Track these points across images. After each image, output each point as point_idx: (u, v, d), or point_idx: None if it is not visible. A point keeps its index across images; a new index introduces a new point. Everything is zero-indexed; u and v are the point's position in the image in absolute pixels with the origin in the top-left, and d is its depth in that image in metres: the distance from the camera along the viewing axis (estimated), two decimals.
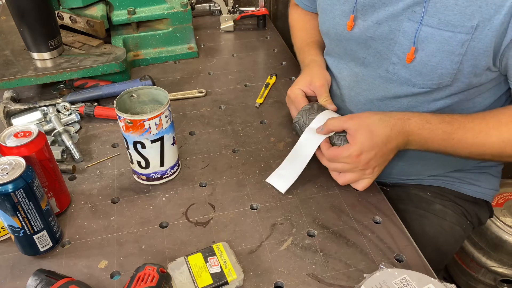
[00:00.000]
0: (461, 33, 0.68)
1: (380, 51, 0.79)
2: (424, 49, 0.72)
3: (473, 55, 0.70)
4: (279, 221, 0.73)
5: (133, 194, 0.79)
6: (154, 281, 0.57)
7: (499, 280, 1.37)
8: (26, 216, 0.63)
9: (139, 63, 1.17)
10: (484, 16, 0.66)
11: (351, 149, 0.72)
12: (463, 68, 0.71)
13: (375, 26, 0.77)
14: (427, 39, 0.71)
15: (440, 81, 0.74)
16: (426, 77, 0.75)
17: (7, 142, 0.65)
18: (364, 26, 0.79)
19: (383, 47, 0.78)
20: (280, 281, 0.64)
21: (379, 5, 0.76)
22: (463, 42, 0.69)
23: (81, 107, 0.96)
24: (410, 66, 0.75)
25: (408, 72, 0.76)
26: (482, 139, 0.72)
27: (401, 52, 0.75)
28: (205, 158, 0.86)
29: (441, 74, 0.73)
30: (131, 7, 1.14)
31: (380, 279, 0.60)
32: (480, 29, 0.67)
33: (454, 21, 0.68)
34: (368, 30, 0.79)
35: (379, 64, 0.80)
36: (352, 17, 0.80)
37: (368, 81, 0.84)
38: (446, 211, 0.91)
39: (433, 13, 0.70)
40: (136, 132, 0.72)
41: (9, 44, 1.08)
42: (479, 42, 0.68)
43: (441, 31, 0.70)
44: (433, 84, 0.75)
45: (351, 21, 0.81)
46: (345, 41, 0.85)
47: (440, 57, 0.71)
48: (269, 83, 1.08)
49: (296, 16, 1.11)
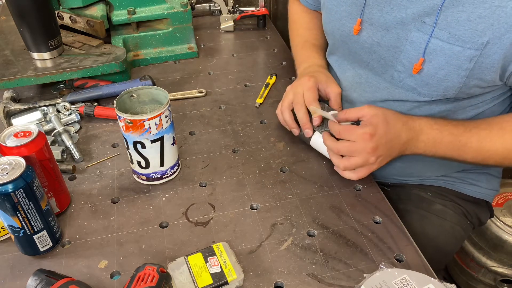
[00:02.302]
0: (471, 49, 0.68)
1: (385, 58, 0.79)
2: (432, 61, 0.72)
3: (480, 70, 0.70)
4: (279, 221, 0.73)
5: (133, 194, 0.79)
6: (154, 281, 0.57)
7: (499, 280, 1.37)
8: (26, 216, 0.63)
9: (139, 63, 1.17)
10: (495, 34, 0.66)
11: (367, 128, 0.72)
12: (469, 82, 0.72)
13: (383, 32, 0.77)
14: (436, 51, 0.71)
15: (445, 93, 0.75)
16: (431, 88, 0.75)
17: (7, 142, 0.65)
18: (372, 30, 0.79)
19: (389, 54, 0.78)
20: (280, 281, 0.64)
21: (387, 10, 0.75)
22: (472, 58, 0.69)
23: (81, 107, 0.96)
24: (416, 76, 0.75)
25: (414, 82, 0.76)
26: (486, 144, 0.73)
27: (407, 61, 0.75)
28: (205, 158, 0.86)
29: (447, 86, 0.73)
30: (131, 7, 1.14)
31: (380, 279, 0.60)
32: (490, 46, 0.67)
33: (465, 36, 0.68)
34: (376, 35, 0.78)
35: (384, 70, 0.80)
36: (359, 20, 0.80)
37: (371, 84, 0.83)
38: (446, 211, 0.91)
39: (443, 27, 0.69)
40: (136, 132, 0.72)
41: (9, 44, 1.08)
42: (487, 58, 0.68)
43: (450, 45, 0.70)
44: (438, 94, 0.75)
45: (357, 25, 0.80)
46: (350, 43, 0.84)
47: (447, 70, 0.72)
48: (269, 83, 1.08)
49: (298, 11, 1.10)
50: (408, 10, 0.73)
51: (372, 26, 0.79)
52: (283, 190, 0.79)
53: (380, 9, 0.76)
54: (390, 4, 0.75)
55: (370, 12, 0.78)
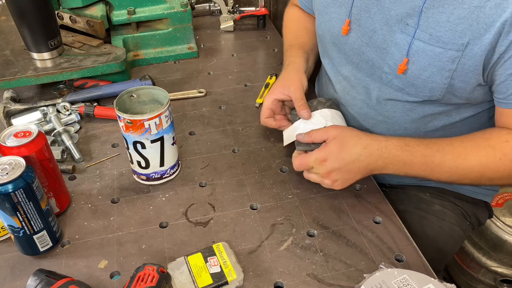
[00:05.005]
0: (452, 50, 0.68)
1: (372, 59, 0.79)
2: (416, 63, 0.73)
3: (463, 72, 0.70)
4: (279, 221, 0.73)
5: (133, 194, 0.79)
6: (154, 281, 0.57)
7: (499, 280, 1.37)
8: (26, 216, 0.63)
9: (139, 63, 1.17)
10: (474, 34, 0.66)
11: (320, 154, 0.72)
12: (454, 83, 0.72)
13: (370, 33, 0.77)
14: (419, 53, 0.72)
15: (432, 94, 0.75)
16: (418, 88, 0.75)
17: (7, 142, 0.65)
18: (360, 32, 0.79)
19: (376, 56, 0.78)
20: (280, 281, 0.64)
21: (375, 11, 0.76)
22: (453, 59, 0.69)
23: (81, 107, 0.96)
24: (402, 77, 0.75)
25: (402, 82, 0.76)
26: (461, 162, 0.70)
27: (392, 62, 0.75)
28: (205, 158, 0.86)
29: (432, 87, 0.73)
30: (131, 7, 1.14)
31: (380, 279, 0.60)
32: (470, 47, 0.67)
33: (445, 37, 0.68)
34: (364, 36, 0.79)
35: (372, 71, 0.81)
36: (348, 21, 0.80)
37: (363, 85, 0.84)
38: (445, 211, 0.91)
39: (425, 28, 0.70)
40: (136, 132, 0.72)
41: (9, 44, 1.08)
42: (469, 60, 0.68)
43: (432, 46, 0.70)
44: (425, 95, 0.75)
45: (346, 25, 0.80)
46: (339, 45, 0.85)
47: (431, 71, 0.72)
48: (269, 83, 1.08)
49: (290, 16, 1.10)
50: (392, 11, 0.73)
51: (360, 27, 0.79)
52: (283, 190, 0.79)
53: (367, 10, 0.77)
54: (376, 6, 0.75)
55: (358, 13, 0.78)
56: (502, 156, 0.69)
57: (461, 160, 0.70)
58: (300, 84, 0.86)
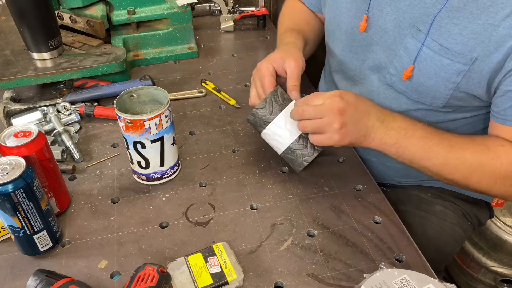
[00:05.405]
0: (460, 63, 0.69)
1: (380, 59, 0.79)
2: (422, 70, 0.73)
3: (468, 85, 0.70)
4: (279, 221, 0.73)
5: (133, 194, 0.79)
6: (154, 281, 0.57)
7: (499, 280, 1.37)
8: (26, 216, 0.63)
9: (139, 63, 1.17)
10: (484, 51, 0.66)
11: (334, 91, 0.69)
12: (457, 94, 0.72)
13: (382, 32, 0.78)
14: (426, 61, 0.72)
15: (433, 102, 0.75)
16: (421, 94, 0.76)
17: (7, 142, 0.65)
18: (372, 30, 0.79)
19: (384, 56, 0.78)
20: (280, 281, 0.64)
21: (387, 11, 0.76)
22: (460, 72, 0.69)
23: (81, 107, 0.96)
24: (406, 82, 0.76)
25: (405, 86, 0.77)
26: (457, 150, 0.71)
27: (399, 65, 0.76)
28: (205, 158, 0.86)
29: (434, 96, 0.74)
30: (131, 7, 1.14)
31: (380, 279, 0.60)
32: (478, 63, 0.67)
33: (455, 50, 0.68)
34: (375, 35, 0.79)
35: (377, 70, 0.80)
36: (365, 18, 0.80)
37: (366, 85, 0.84)
38: (446, 212, 0.91)
39: (436, 37, 0.70)
40: (136, 132, 0.72)
41: (9, 44, 1.08)
42: (475, 74, 0.69)
43: (440, 57, 0.70)
44: (426, 101, 0.76)
45: (364, 22, 0.80)
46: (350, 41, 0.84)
47: (435, 80, 0.72)
48: None
49: (290, 8, 1.06)
50: (406, 14, 0.73)
51: (372, 25, 0.79)
52: (283, 190, 0.79)
53: (380, 9, 0.77)
54: (390, 6, 0.75)
55: (371, 11, 0.78)
56: (495, 157, 0.69)
57: (457, 148, 0.71)
58: (301, 63, 0.79)
